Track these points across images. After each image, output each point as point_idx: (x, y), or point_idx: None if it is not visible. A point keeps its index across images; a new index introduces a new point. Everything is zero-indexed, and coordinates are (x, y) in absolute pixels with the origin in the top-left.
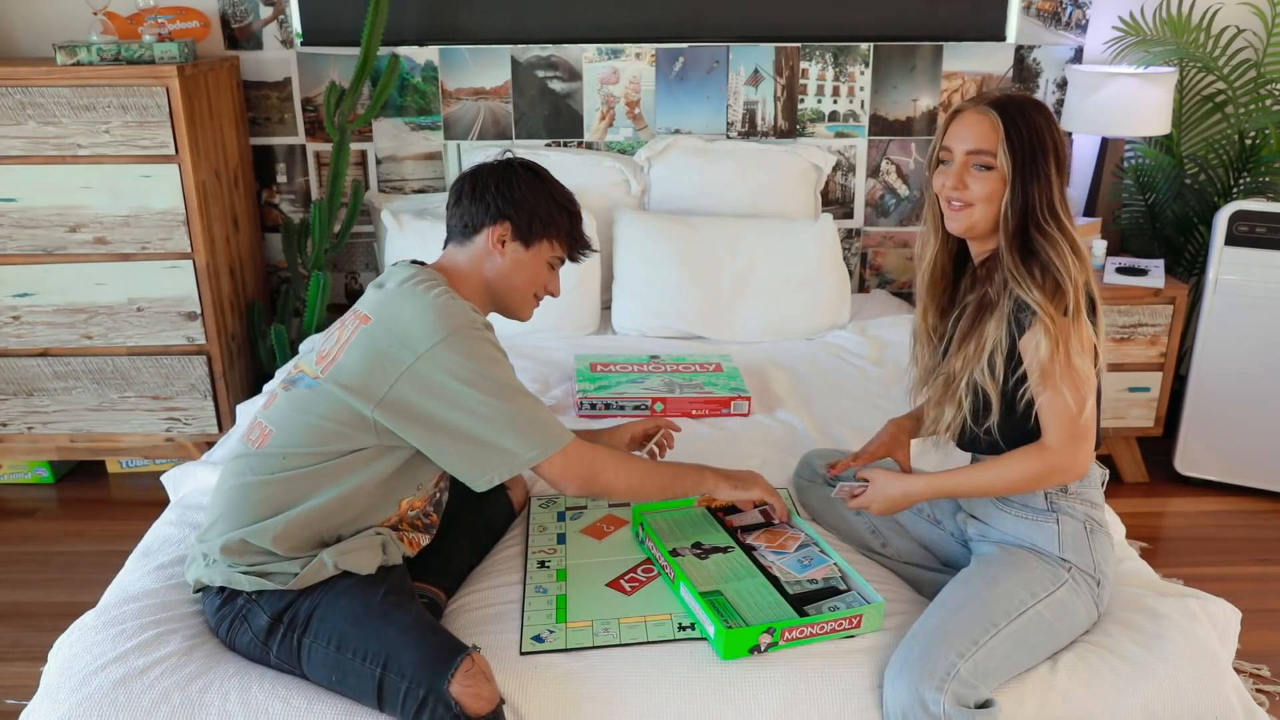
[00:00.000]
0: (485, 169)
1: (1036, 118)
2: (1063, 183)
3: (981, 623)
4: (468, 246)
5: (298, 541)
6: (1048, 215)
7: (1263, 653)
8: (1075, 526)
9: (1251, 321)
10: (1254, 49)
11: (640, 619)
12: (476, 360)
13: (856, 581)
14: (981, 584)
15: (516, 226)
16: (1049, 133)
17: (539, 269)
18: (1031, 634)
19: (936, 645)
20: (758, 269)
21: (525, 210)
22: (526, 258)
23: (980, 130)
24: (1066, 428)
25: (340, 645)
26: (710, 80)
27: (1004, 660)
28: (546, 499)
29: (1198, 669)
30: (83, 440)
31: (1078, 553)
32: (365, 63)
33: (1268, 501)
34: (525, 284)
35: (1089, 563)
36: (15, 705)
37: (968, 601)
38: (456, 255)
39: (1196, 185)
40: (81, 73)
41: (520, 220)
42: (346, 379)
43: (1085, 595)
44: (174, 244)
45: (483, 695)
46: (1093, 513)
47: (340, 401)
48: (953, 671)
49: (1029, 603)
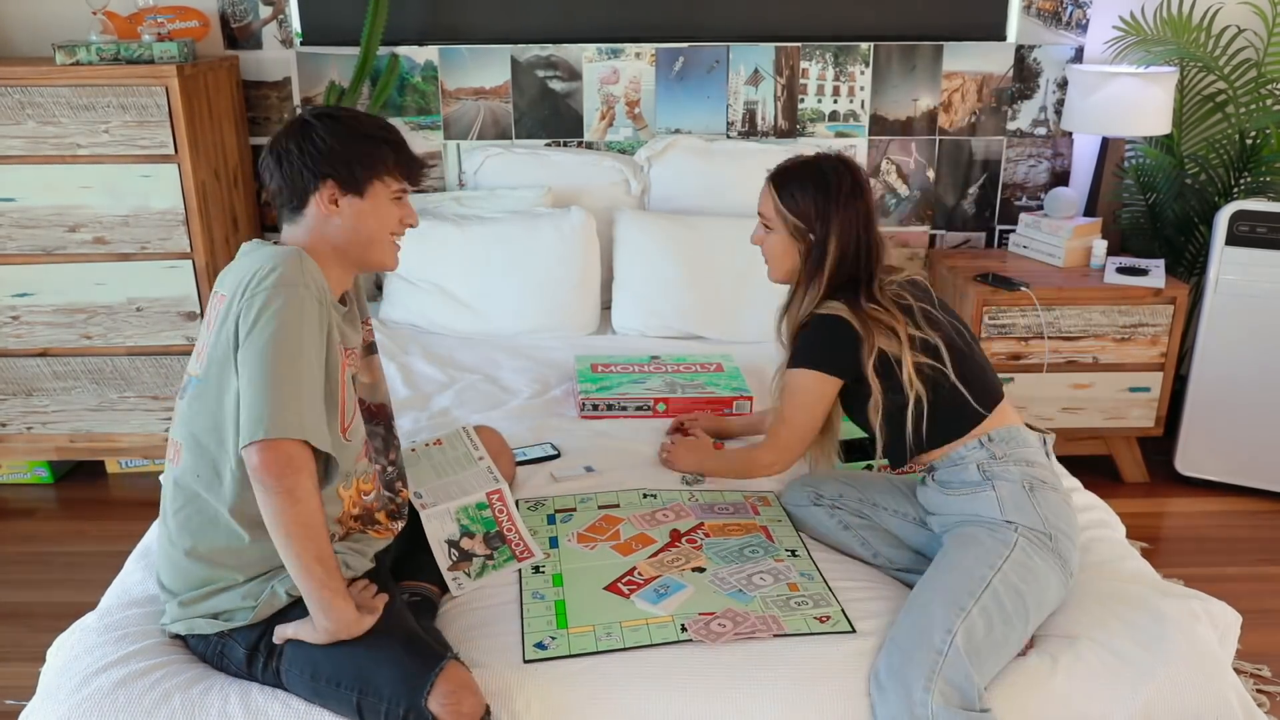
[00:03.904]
0: (280, 136)
1: (808, 187)
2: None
3: (950, 609)
4: (302, 220)
5: (246, 561)
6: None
7: (1263, 653)
8: (1012, 488)
9: (1252, 321)
10: (1254, 48)
11: (642, 622)
12: (279, 316)
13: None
14: (940, 573)
15: (340, 180)
16: (820, 199)
17: (384, 210)
18: (1004, 604)
19: (915, 644)
20: (758, 269)
21: (341, 160)
22: (366, 206)
23: (761, 196)
24: (772, 437)
25: (314, 674)
26: (710, 80)
27: (986, 640)
28: (535, 501)
29: (1198, 670)
30: (82, 440)
31: (1020, 512)
32: (365, 62)
33: (1268, 502)
34: (377, 231)
35: (1035, 519)
36: (15, 706)
37: (932, 594)
38: (294, 233)
39: (1197, 185)
40: (81, 72)
41: (341, 172)
42: (218, 359)
43: (1043, 553)
44: (173, 244)
45: (464, 708)
46: (1031, 471)
47: (220, 387)
48: (937, 667)
49: (988, 575)
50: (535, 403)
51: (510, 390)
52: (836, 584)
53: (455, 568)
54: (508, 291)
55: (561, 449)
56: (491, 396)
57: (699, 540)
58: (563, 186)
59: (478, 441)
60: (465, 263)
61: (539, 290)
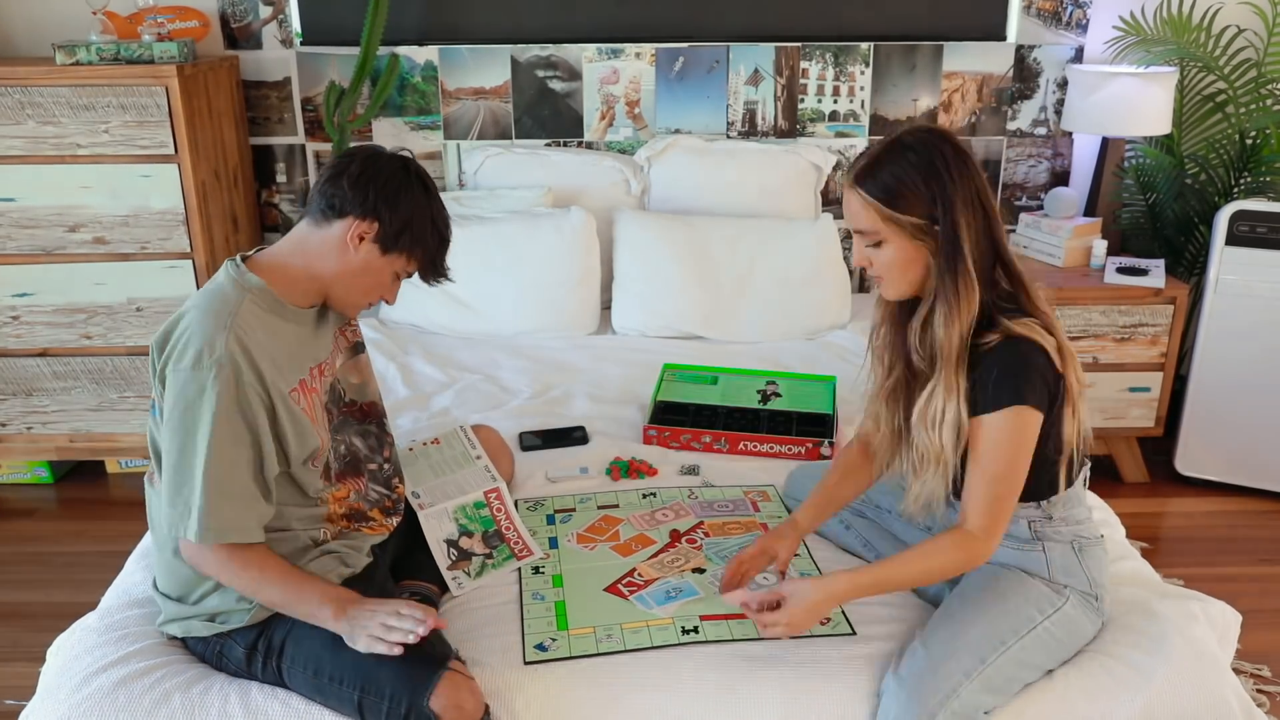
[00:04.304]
0: (381, 159)
1: (909, 174)
2: (984, 225)
3: (990, 641)
4: (322, 229)
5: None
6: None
7: (1263, 653)
8: (1063, 550)
9: (1252, 321)
10: (1254, 48)
11: (643, 623)
12: (192, 409)
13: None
14: (991, 600)
15: (383, 230)
16: (929, 190)
17: (385, 277)
18: (1038, 651)
19: (944, 661)
20: (758, 269)
21: (400, 217)
22: (379, 263)
23: (852, 211)
24: (988, 513)
25: (317, 670)
26: (710, 80)
27: (1009, 678)
28: (534, 501)
29: (1197, 671)
30: (82, 440)
31: (1069, 575)
32: (365, 62)
33: (1268, 501)
34: (366, 289)
35: (1084, 581)
36: (14, 706)
37: (977, 619)
38: (306, 238)
39: (1197, 185)
40: (81, 72)
41: (390, 225)
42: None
43: (1089, 611)
44: (173, 244)
45: (465, 708)
46: (1079, 530)
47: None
48: (957, 690)
49: (1037, 619)
50: (535, 403)
51: (510, 390)
52: None
53: (455, 567)
54: (508, 291)
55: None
56: (491, 396)
57: (698, 540)
58: (563, 186)
59: (475, 440)
60: (465, 263)
61: (539, 290)
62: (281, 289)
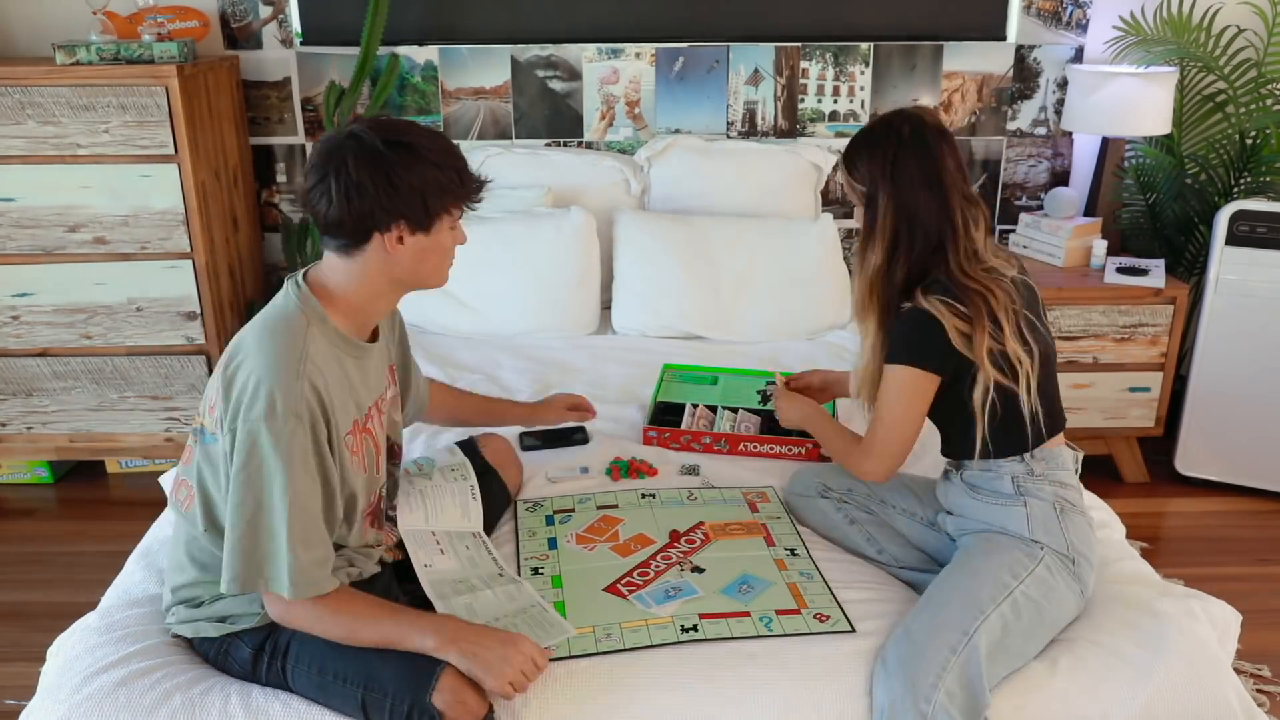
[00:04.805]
0: (343, 162)
1: (862, 147)
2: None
3: (969, 611)
4: (358, 256)
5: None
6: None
7: (1263, 653)
8: (1044, 508)
9: (1252, 321)
10: (1255, 48)
11: (642, 623)
12: (264, 461)
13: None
14: (963, 575)
15: (411, 220)
16: (874, 157)
17: (443, 242)
18: (1021, 615)
19: (929, 640)
20: (758, 269)
21: (416, 197)
22: (429, 242)
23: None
24: (869, 442)
25: (321, 669)
26: (710, 80)
27: (999, 646)
28: (533, 502)
29: (1198, 670)
30: (82, 440)
31: (1049, 533)
32: (365, 62)
33: (1268, 501)
34: (436, 264)
35: (1061, 543)
36: (14, 706)
37: (952, 594)
38: (344, 267)
39: (1197, 185)
40: (81, 72)
41: (415, 212)
42: (222, 452)
43: (1064, 575)
44: (173, 244)
45: (468, 704)
46: (1063, 493)
47: (225, 462)
48: (948, 665)
49: (1011, 584)
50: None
51: (510, 390)
52: (836, 584)
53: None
54: (508, 291)
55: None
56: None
57: (697, 540)
58: (563, 186)
59: (465, 470)
60: (465, 263)
61: (539, 290)
62: (344, 320)
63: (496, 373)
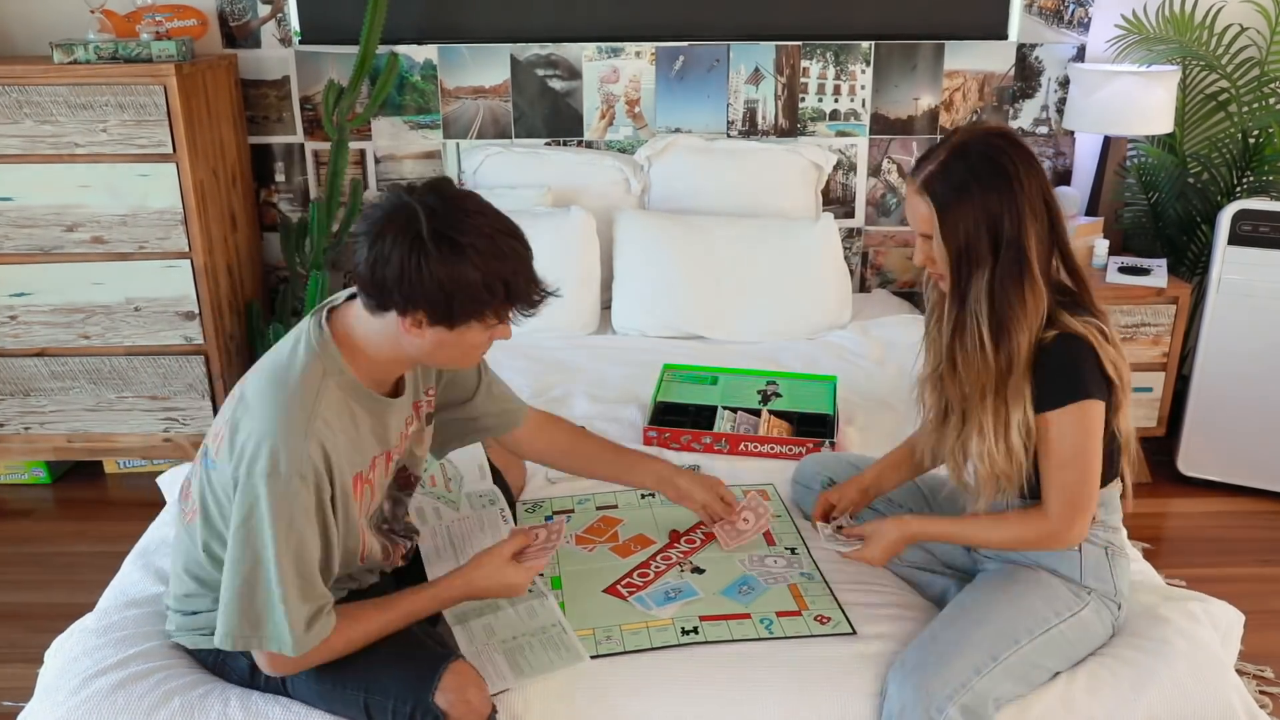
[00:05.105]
0: (386, 228)
1: (978, 191)
2: (1044, 239)
3: (1004, 639)
4: (380, 318)
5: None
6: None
7: (1266, 654)
8: (1097, 554)
9: (1254, 321)
10: (1257, 47)
11: (642, 625)
12: (262, 524)
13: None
14: (1007, 599)
15: (432, 315)
16: (997, 199)
17: (471, 340)
18: (1050, 653)
19: (955, 654)
20: (758, 269)
21: (441, 298)
22: (452, 337)
23: (916, 214)
24: (1068, 502)
25: (320, 676)
26: (710, 79)
27: (1019, 678)
28: (532, 503)
29: (1200, 672)
30: (80, 440)
31: (1099, 579)
32: (364, 61)
33: (1271, 502)
34: (461, 356)
35: (1110, 588)
36: (12, 707)
37: (991, 615)
38: (371, 323)
39: (1199, 184)
40: (79, 71)
41: (436, 309)
42: (224, 485)
43: (1105, 617)
44: (172, 243)
45: (472, 703)
46: (1113, 538)
47: (229, 500)
48: (967, 684)
49: (1053, 621)
50: (535, 403)
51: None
52: (837, 584)
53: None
54: None
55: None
56: None
57: (697, 540)
58: (563, 186)
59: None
60: None
61: None
62: (364, 372)
63: (496, 373)
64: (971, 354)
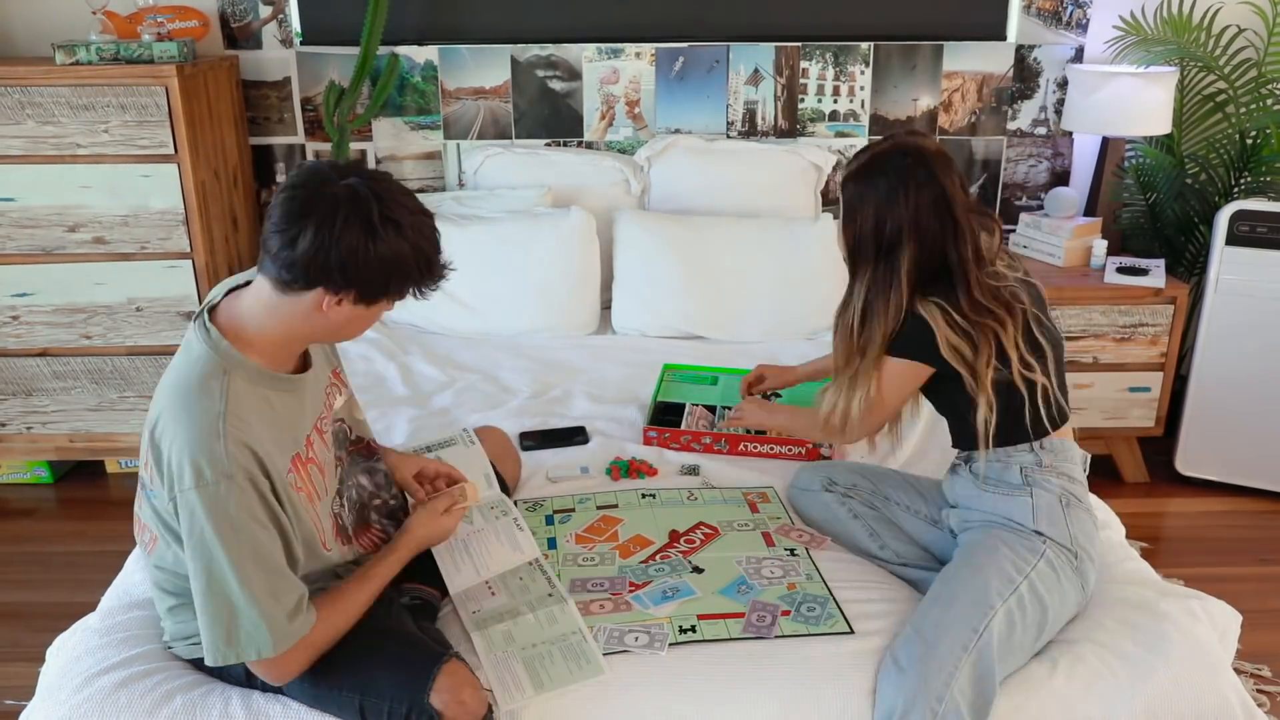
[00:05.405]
0: (341, 220)
1: (871, 199)
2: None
3: (978, 609)
4: (289, 298)
5: None
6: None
7: (1263, 653)
8: (1050, 500)
9: (1252, 321)
10: (1255, 48)
11: (642, 624)
12: (210, 532)
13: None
14: (968, 572)
15: (362, 293)
16: (887, 210)
17: (375, 314)
18: (1027, 610)
19: (939, 640)
20: (758, 269)
21: (380, 278)
22: (364, 313)
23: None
24: (846, 411)
25: (315, 680)
26: (710, 80)
27: (1005, 643)
28: (533, 502)
29: (1198, 670)
30: (82, 440)
31: (1052, 525)
32: (365, 62)
33: (1269, 501)
34: (356, 330)
35: (1064, 535)
36: (14, 706)
37: (958, 591)
38: (275, 303)
39: (1197, 185)
40: (80, 72)
41: (371, 288)
42: (164, 511)
43: (1066, 570)
44: (173, 244)
45: (468, 704)
46: (1070, 487)
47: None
48: (959, 665)
49: (1017, 579)
50: (535, 403)
51: (510, 390)
52: (835, 584)
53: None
54: (508, 291)
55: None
56: (491, 397)
57: (697, 540)
58: (563, 186)
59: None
60: (465, 263)
61: (539, 290)
62: (265, 358)
63: (496, 373)
64: (842, 330)
